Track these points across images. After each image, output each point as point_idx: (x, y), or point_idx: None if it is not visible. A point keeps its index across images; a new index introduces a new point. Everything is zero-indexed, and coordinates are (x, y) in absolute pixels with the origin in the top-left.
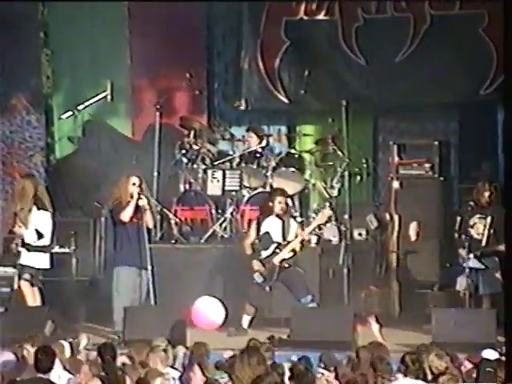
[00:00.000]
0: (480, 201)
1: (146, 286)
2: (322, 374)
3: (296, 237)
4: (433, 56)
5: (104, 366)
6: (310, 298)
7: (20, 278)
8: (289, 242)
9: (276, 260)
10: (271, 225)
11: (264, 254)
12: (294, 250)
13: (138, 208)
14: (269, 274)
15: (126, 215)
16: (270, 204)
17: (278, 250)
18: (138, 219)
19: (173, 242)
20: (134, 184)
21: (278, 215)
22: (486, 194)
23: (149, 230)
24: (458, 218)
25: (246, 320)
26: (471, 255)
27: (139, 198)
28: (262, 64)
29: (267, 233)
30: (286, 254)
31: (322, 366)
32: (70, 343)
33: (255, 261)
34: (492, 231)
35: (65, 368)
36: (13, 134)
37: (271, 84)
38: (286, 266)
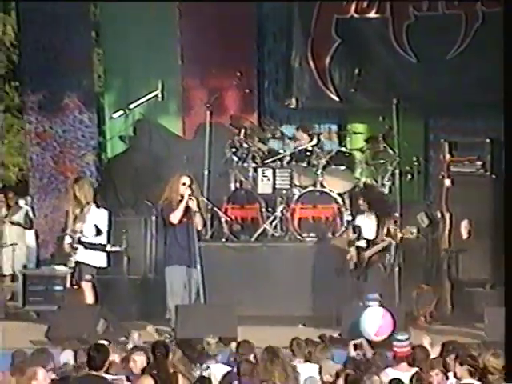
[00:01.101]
0: None
1: (196, 285)
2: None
3: (388, 234)
4: (484, 54)
5: (156, 364)
6: (376, 296)
7: (81, 278)
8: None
9: (366, 254)
10: (363, 221)
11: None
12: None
13: (188, 208)
14: (360, 264)
15: (176, 217)
16: (359, 202)
17: (366, 245)
18: (188, 219)
19: (223, 240)
20: (184, 184)
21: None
22: None
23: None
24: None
25: None
26: None
27: (189, 199)
28: (312, 63)
29: (359, 228)
30: (374, 250)
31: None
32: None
33: (352, 248)
34: None
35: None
36: (65, 133)
37: (322, 82)
38: (373, 261)
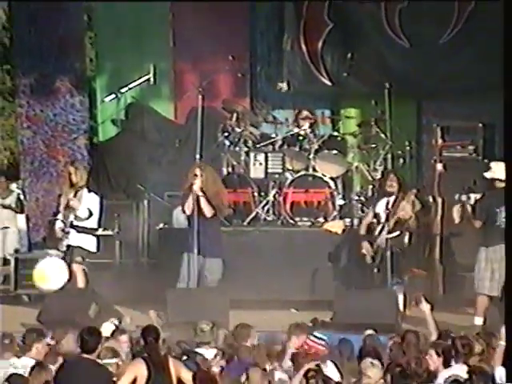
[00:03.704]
0: None
1: (189, 269)
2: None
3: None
4: (477, 37)
5: (147, 348)
6: (396, 280)
7: (71, 260)
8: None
9: (380, 241)
10: (382, 205)
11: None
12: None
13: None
14: (377, 256)
15: (188, 207)
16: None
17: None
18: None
19: None
20: (195, 175)
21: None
22: None
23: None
24: None
25: None
26: None
27: (193, 183)
28: (304, 46)
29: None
30: (387, 234)
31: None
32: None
33: (365, 243)
34: None
35: None
36: (56, 116)
37: (314, 66)
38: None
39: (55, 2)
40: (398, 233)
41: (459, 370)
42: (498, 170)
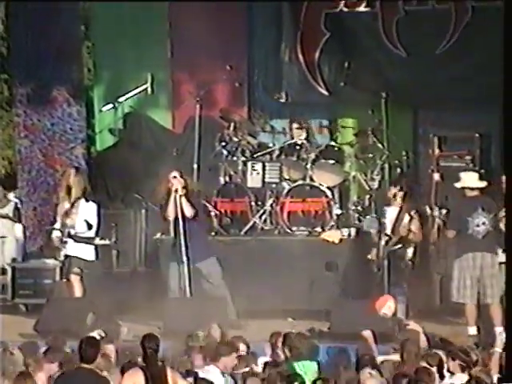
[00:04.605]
0: None
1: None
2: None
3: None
4: (474, 47)
5: (146, 358)
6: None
7: (69, 271)
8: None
9: (386, 250)
10: (389, 215)
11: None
12: (402, 241)
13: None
14: (381, 264)
15: (170, 212)
16: (389, 194)
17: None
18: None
19: (213, 234)
20: (174, 177)
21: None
22: None
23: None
24: None
25: None
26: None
27: (173, 180)
28: (301, 56)
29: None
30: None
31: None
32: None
33: (374, 249)
34: None
35: None
36: (54, 126)
37: (311, 76)
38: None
39: (53, 13)
40: (400, 245)
41: (459, 379)
42: (467, 179)
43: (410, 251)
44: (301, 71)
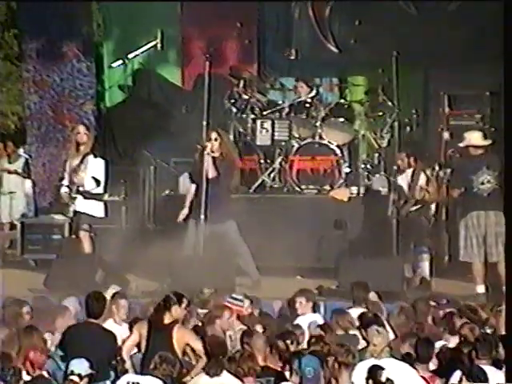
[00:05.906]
0: None
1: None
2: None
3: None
4: (484, 6)
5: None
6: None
7: (79, 227)
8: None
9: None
10: (402, 181)
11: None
12: (419, 201)
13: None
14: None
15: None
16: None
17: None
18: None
19: None
20: (209, 140)
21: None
22: None
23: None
24: None
25: None
26: None
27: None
28: (312, 13)
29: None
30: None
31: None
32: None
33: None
34: None
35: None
36: (63, 81)
37: (321, 34)
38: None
39: None
40: (419, 206)
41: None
42: (472, 138)
43: (431, 209)
44: (311, 29)
